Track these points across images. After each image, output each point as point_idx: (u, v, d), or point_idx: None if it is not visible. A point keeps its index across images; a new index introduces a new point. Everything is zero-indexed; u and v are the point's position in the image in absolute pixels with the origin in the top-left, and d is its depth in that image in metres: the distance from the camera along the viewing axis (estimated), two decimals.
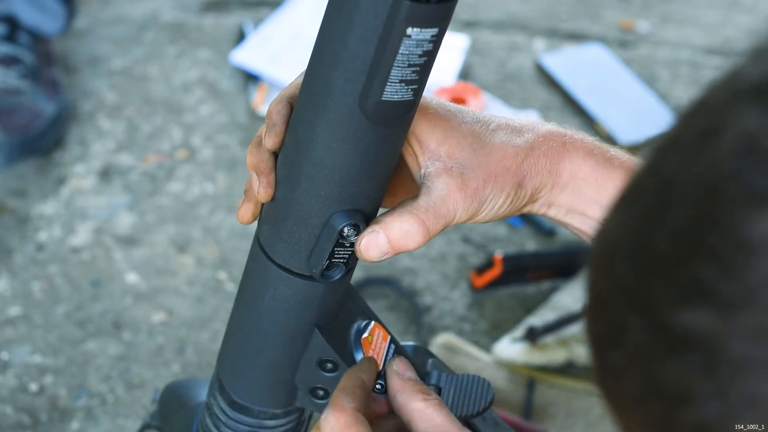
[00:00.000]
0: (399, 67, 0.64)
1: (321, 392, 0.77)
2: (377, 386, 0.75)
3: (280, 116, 0.71)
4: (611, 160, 0.75)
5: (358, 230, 0.71)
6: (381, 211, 0.76)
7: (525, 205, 0.75)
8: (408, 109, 0.68)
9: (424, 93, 0.70)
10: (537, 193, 0.75)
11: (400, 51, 0.63)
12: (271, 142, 0.71)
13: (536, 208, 0.76)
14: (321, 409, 0.78)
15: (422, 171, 0.73)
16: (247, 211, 0.75)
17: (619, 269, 0.45)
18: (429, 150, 0.72)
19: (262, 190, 0.72)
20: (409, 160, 0.74)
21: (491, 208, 0.73)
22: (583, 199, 0.75)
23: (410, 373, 0.74)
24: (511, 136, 0.74)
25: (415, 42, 0.63)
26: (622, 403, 0.47)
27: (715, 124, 0.43)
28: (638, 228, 0.45)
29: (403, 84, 0.65)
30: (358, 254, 0.72)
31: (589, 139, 0.76)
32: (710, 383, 0.42)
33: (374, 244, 0.71)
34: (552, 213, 0.76)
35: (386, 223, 0.71)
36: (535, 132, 0.75)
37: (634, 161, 0.76)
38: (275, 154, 0.73)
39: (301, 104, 0.69)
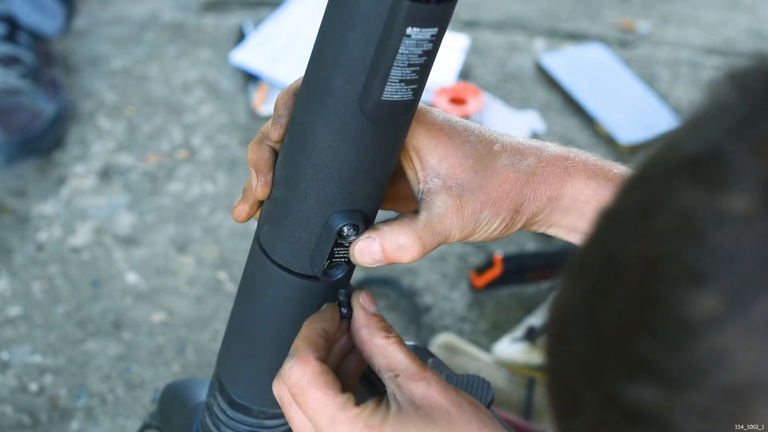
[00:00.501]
0: (399, 67, 0.64)
1: None
2: (343, 310, 0.75)
3: (286, 108, 0.71)
4: (614, 181, 0.75)
5: (358, 230, 0.71)
6: (380, 213, 0.76)
7: (522, 227, 0.76)
8: (408, 109, 0.68)
9: (433, 107, 0.70)
10: (534, 217, 0.75)
11: (400, 51, 0.63)
12: (276, 133, 0.71)
13: (534, 228, 0.77)
14: None
15: (421, 186, 0.73)
16: (242, 211, 0.75)
17: (572, 344, 0.46)
18: (429, 166, 0.73)
19: (259, 188, 0.72)
20: (409, 173, 0.74)
21: (485, 230, 0.74)
22: (584, 219, 0.75)
23: (374, 308, 0.74)
24: (514, 160, 0.74)
25: (414, 42, 0.63)
26: None
27: (653, 200, 0.43)
28: (587, 303, 0.45)
29: (403, 84, 0.65)
30: (351, 257, 0.72)
31: (593, 159, 0.76)
32: None
33: (368, 251, 0.71)
34: (552, 232, 0.77)
35: (383, 232, 0.71)
36: (538, 156, 0.75)
37: None
38: (276, 153, 0.73)
39: (301, 104, 0.69)
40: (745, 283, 0.40)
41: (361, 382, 0.75)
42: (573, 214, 0.75)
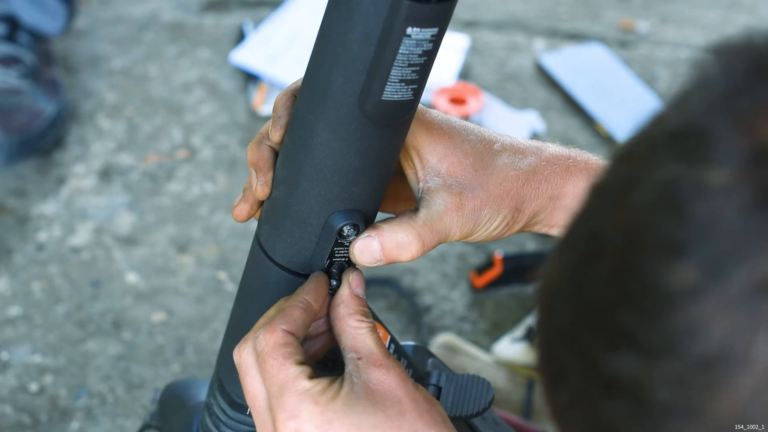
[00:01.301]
0: (399, 66, 0.64)
1: None
2: (333, 282, 0.74)
3: (285, 109, 0.71)
4: None
5: (358, 230, 0.71)
6: (380, 215, 0.76)
7: (523, 228, 0.76)
8: (408, 109, 0.68)
9: (433, 107, 0.70)
10: (536, 217, 0.75)
11: (400, 51, 0.63)
12: (276, 135, 0.71)
13: (536, 229, 0.76)
14: None
15: (421, 185, 0.73)
16: (242, 210, 0.75)
17: (558, 314, 0.47)
18: (429, 165, 0.73)
19: (259, 187, 0.72)
20: (409, 172, 0.74)
21: (486, 229, 0.74)
22: None
23: (361, 291, 0.74)
24: (514, 158, 0.74)
25: (415, 42, 0.63)
26: None
27: (636, 174, 0.44)
28: (572, 275, 0.46)
29: (403, 84, 0.65)
30: (351, 256, 0.72)
31: (594, 159, 0.76)
32: (639, 426, 0.43)
33: (368, 250, 0.71)
34: (554, 233, 0.77)
35: (382, 230, 0.71)
36: (539, 155, 0.75)
37: None
38: (276, 152, 0.73)
39: (301, 104, 0.69)
40: (722, 255, 0.41)
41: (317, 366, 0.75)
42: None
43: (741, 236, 0.40)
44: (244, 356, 0.69)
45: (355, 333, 0.71)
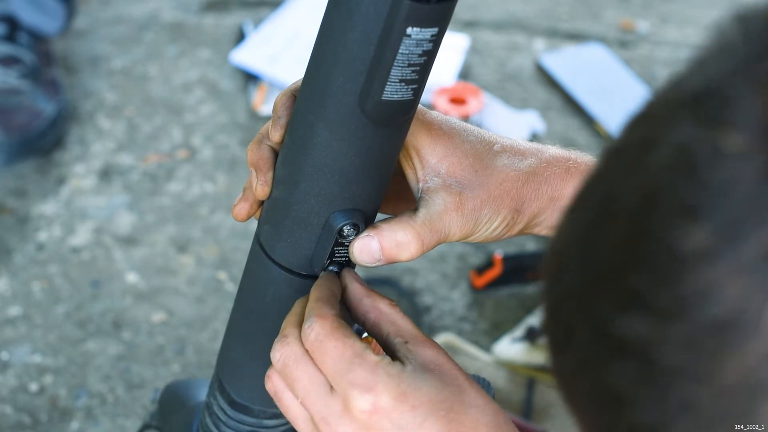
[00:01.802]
0: (399, 66, 0.64)
1: None
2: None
3: (285, 109, 0.71)
4: None
5: (358, 230, 0.71)
6: (379, 216, 0.76)
7: (523, 230, 0.76)
8: (408, 109, 0.68)
9: (433, 107, 0.70)
10: (536, 218, 0.75)
11: (400, 50, 0.63)
12: (276, 135, 0.72)
13: (536, 231, 0.77)
14: None
15: (421, 185, 0.73)
16: (242, 209, 0.75)
17: (568, 275, 0.47)
18: (429, 165, 0.73)
19: (259, 187, 0.73)
20: (409, 173, 0.74)
21: (486, 229, 0.74)
22: None
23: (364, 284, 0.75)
24: (514, 159, 0.74)
25: (415, 42, 0.63)
26: (576, 404, 0.48)
27: (654, 135, 0.44)
28: (584, 236, 0.46)
29: (403, 84, 0.65)
30: (351, 256, 0.72)
31: (594, 160, 0.76)
32: (647, 389, 0.43)
33: (367, 250, 0.71)
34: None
35: (382, 230, 0.71)
36: (539, 157, 0.75)
37: None
38: (276, 152, 0.73)
39: (301, 104, 0.69)
40: (737, 219, 0.41)
41: None
42: None
43: (756, 202, 0.41)
44: (290, 349, 0.68)
45: (393, 318, 0.71)
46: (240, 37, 1.86)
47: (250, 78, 1.77)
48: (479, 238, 0.74)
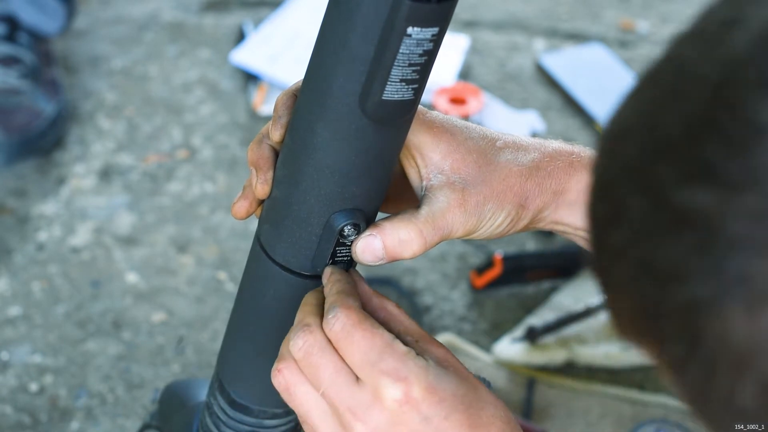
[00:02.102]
0: (399, 66, 0.64)
1: None
2: None
3: (286, 108, 0.71)
4: None
5: (359, 229, 0.71)
6: (380, 215, 0.76)
7: (528, 225, 0.76)
8: (408, 109, 0.68)
9: (433, 107, 0.70)
10: (540, 213, 0.75)
11: (401, 50, 0.63)
12: (277, 134, 0.71)
13: (541, 226, 0.76)
14: None
15: (424, 183, 0.73)
16: (241, 207, 0.75)
17: (626, 150, 0.47)
18: (432, 163, 0.73)
19: (259, 186, 0.72)
20: (411, 171, 0.74)
21: (490, 225, 0.74)
22: None
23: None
24: (517, 154, 0.74)
25: (415, 41, 0.63)
26: (615, 286, 0.48)
27: (736, 15, 0.44)
28: (650, 111, 0.46)
29: (403, 83, 0.65)
30: (353, 255, 0.72)
31: None
32: (704, 261, 0.43)
33: (370, 248, 0.71)
34: (559, 229, 0.77)
35: (384, 228, 0.71)
36: (542, 151, 0.75)
37: None
38: (276, 152, 0.73)
39: (302, 104, 0.69)
40: None
41: None
42: (579, 209, 0.75)
43: None
44: (315, 337, 0.68)
45: (401, 318, 0.71)
46: (240, 37, 1.86)
47: (250, 78, 1.77)
48: (483, 235, 0.74)
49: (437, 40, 0.64)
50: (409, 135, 0.72)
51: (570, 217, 0.75)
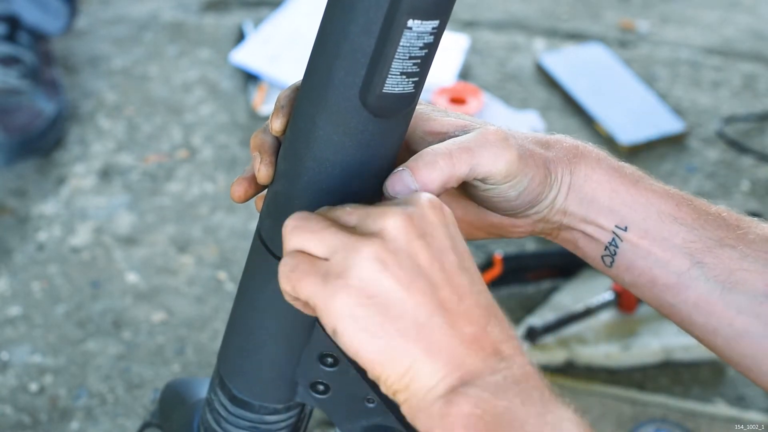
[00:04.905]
0: (400, 59, 0.64)
1: (321, 387, 0.77)
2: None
3: (288, 100, 0.71)
4: (622, 168, 0.77)
5: None
6: None
7: (545, 198, 0.76)
8: (409, 102, 0.68)
9: (475, 108, 0.71)
10: (557, 191, 0.75)
11: (401, 43, 0.63)
12: (278, 123, 0.71)
13: (551, 215, 0.77)
14: (321, 404, 0.77)
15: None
16: (240, 188, 0.73)
17: None
18: (455, 126, 0.74)
19: (263, 168, 0.71)
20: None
21: (525, 176, 0.73)
22: (595, 206, 0.76)
23: None
24: (538, 143, 0.76)
25: (416, 34, 0.63)
26: None
27: None
28: None
29: (404, 76, 0.65)
30: (385, 192, 0.70)
31: (597, 149, 0.78)
32: None
33: (398, 179, 0.69)
34: (566, 221, 0.77)
35: (410, 160, 0.70)
36: (548, 137, 0.77)
37: (641, 173, 0.78)
38: (279, 142, 0.73)
39: (302, 97, 0.69)
40: None
41: None
42: (585, 200, 0.76)
43: None
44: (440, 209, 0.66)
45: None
46: (240, 37, 1.86)
47: (250, 78, 1.77)
48: (519, 184, 0.73)
49: (438, 33, 0.64)
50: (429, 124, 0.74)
51: (577, 205, 0.76)
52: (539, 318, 1.36)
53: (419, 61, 0.65)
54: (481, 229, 0.82)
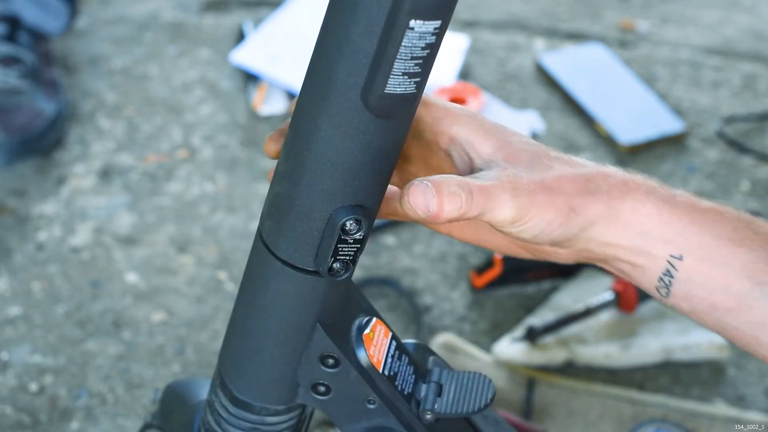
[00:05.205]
0: (402, 59, 0.64)
1: (322, 388, 0.77)
2: (338, 278, 0.74)
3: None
4: (674, 198, 0.75)
5: (360, 225, 0.71)
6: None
7: (577, 241, 0.74)
8: (411, 102, 0.68)
9: (475, 108, 0.71)
10: (592, 227, 0.74)
11: (403, 43, 0.63)
12: (272, 146, 0.73)
13: (592, 247, 0.75)
14: (322, 405, 0.78)
15: (478, 163, 0.74)
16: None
17: None
18: (484, 156, 0.73)
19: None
20: (460, 162, 0.74)
21: (538, 221, 0.72)
22: (646, 238, 0.74)
23: None
24: (570, 166, 0.74)
25: (418, 35, 0.63)
26: None
27: None
28: None
29: (405, 77, 0.65)
30: (402, 204, 0.70)
31: (650, 181, 0.76)
32: None
33: (421, 191, 0.70)
34: (611, 253, 0.75)
35: (434, 178, 0.70)
36: (595, 168, 0.75)
37: (695, 199, 0.75)
38: None
39: (304, 98, 0.69)
40: None
41: None
42: (633, 231, 0.74)
43: None
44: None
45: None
46: (240, 37, 1.86)
47: (250, 78, 1.77)
48: (531, 229, 0.72)
49: (440, 34, 0.64)
50: (458, 130, 0.73)
51: (623, 237, 0.74)
52: (539, 318, 1.36)
53: (421, 61, 0.65)
54: (526, 250, 0.82)
